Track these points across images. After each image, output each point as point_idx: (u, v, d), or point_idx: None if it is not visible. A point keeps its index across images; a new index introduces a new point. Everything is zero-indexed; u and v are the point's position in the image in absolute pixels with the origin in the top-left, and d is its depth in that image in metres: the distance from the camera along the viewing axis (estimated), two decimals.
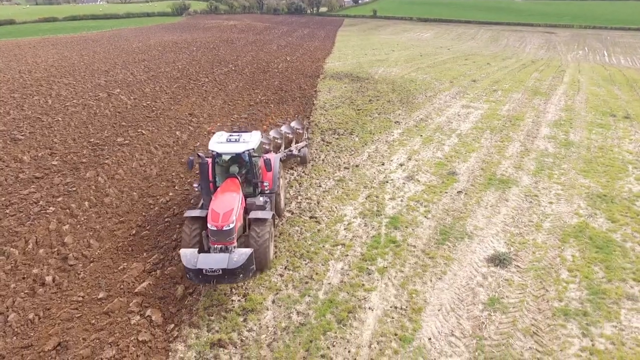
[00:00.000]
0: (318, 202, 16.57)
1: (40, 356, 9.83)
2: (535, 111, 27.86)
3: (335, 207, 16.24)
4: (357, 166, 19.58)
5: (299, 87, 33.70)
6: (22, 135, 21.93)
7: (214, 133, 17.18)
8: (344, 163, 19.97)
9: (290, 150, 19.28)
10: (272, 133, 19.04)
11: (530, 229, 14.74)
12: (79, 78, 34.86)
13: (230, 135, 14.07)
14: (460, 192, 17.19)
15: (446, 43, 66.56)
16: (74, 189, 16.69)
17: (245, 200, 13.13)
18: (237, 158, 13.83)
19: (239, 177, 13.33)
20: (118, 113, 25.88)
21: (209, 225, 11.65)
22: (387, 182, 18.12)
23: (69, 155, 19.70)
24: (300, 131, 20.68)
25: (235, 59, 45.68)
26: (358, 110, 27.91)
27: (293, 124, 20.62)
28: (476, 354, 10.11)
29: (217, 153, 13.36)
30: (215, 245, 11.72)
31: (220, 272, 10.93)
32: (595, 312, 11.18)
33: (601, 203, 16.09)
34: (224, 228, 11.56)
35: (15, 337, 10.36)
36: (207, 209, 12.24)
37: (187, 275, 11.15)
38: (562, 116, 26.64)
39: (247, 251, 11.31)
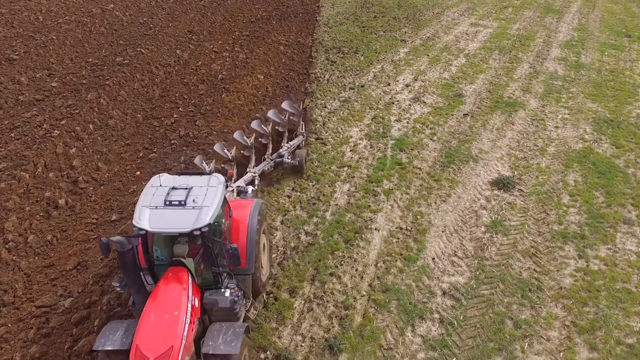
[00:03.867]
0: (324, 124, 16.55)
1: (62, 274, 10.34)
2: (546, 30, 26.82)
3: (341, 129, 16.25)
4: (362, 86, 19.28)
5: (301, 1, 32.12)
6: (16, 55, 21.23)
7: (143, 181, 8.86)
8: (349, 83, 19.63)
9: (280, 156, 13.55)
10: (254, 125, 13.63)
11: (534, 153, 14.84)
12: None
13: (172, 190, 8.08)
14: (466, 114, 17.10)
15: None
16: (77, 111, 16.51)
17: (202, 296, 8.13)
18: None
19: (189, 267, 7.89)
20: (114, 31, 24.87)
21: None
22: (393, 103, 17.96)
23: (68, 76, 19.25)
24: (295, 119, 14.64)
25: None
26: (363, 27, 26.84)
27: (284, 105, 14.48)
28: (477, 273, 10.64)
29: (147, 232, 7.65)
30: None
31: None
32: (592, 235, 11.61)
33: (607, 128, 16.05)
34: None
35: (37, 257, 10.83)
36: (139, 316, 7.38)
37: None
38: (574, 36, 25.70)
39: None
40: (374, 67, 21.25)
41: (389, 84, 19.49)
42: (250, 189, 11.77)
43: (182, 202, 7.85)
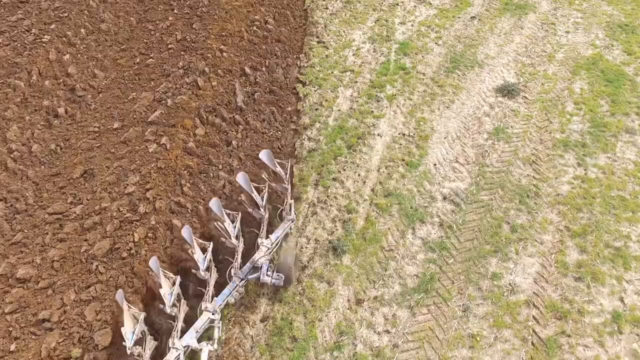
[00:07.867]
0: (325, 26, 15.91)
1: (70, 182, 10.52)
2: None
3: (344, 32, 15.67)
4: None
5: None
6: None
7: None
8: None
9: (256, 268, 8.49)
10: (213, 206, 8.51)
11: (542, 59, 14.44)
12: None
13: None
14: (473, 17, 16.37)
15: None
16: (66, 14, 15.66)
17: None
18: None
19: None
20: None
21: None
22: (398, 4, 17.10)
23: None
24: (279, 187, 9.45)
25: None
26: None
27: (262, 156, 9.06)
28: (477, 179, 10.89)
29: None
30: None
31: None
32: (593, 144, 11.68)
33: (620, 33, 15.41)
34: None
35: (43, 167, 10.93)
36: None
37: None
38: None
39: None
40: None
41: None
42: (207, 348, 7.43)
43: None
